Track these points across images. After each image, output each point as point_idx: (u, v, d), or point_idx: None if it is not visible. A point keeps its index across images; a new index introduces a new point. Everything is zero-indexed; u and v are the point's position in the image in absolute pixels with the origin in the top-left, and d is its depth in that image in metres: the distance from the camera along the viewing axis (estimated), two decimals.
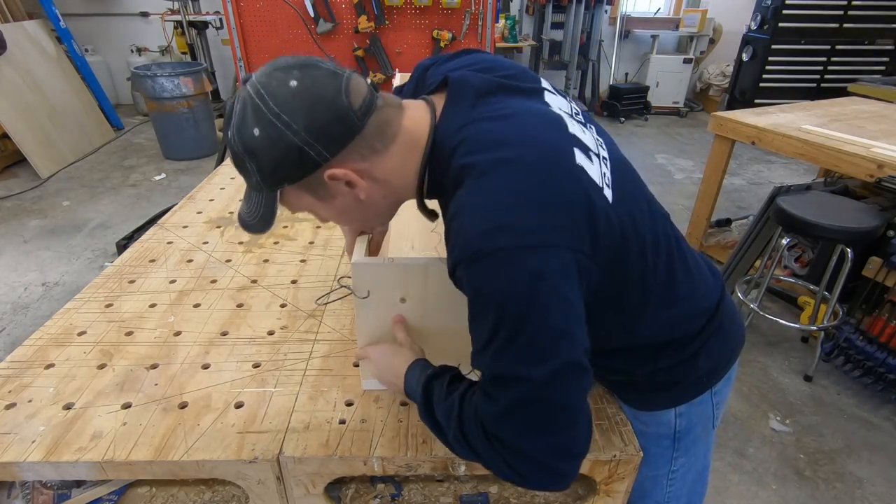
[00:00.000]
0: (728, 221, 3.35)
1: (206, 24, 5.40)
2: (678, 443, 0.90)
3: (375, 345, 0.89)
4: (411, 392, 0.78)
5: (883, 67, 5.05)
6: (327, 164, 0.66)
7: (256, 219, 0.73)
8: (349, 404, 0.94)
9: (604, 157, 0.73)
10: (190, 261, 1.39)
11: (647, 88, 5.98)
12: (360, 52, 2.83)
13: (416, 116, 0.72)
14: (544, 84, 0.81)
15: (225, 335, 1.11)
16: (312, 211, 0.76)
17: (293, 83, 0.63)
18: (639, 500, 0.97)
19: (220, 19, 5.22)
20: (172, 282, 1.30)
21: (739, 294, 2.44)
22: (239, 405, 0.93)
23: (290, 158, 0.64)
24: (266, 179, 0.68)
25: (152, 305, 1.21)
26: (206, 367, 1.02)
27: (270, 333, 1.12)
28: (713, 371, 0.85)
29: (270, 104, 0.63)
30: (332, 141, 0.64)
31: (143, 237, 1.51)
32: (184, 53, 5.42)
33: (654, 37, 6.05)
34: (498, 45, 5.27)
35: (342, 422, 0.90)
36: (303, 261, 1.40)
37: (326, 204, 0.72)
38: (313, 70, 0.65)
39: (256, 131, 0.63)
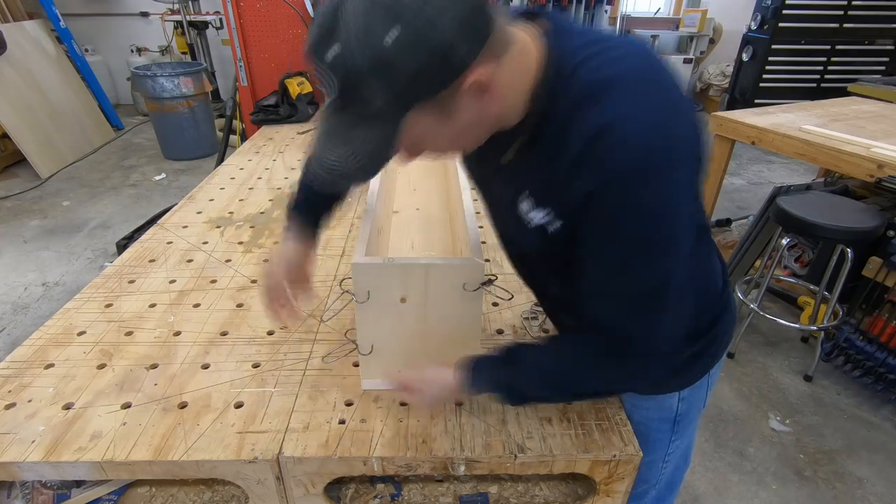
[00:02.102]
0: (728, 221, 3.35)
1: (206, 24, 5.41)
2: (677, 426, 0.94)
3: (411, 371, 0.84)
4: (484, 385, 0.78)
5: (883, 67, 5.04)
6: (470, 68, 0.55)
7: (362, 160, 0.59)
8: (349, 404, 0.94)
9: None
10: (190, 261, 1.39)
11: None
12: None
13: (519, 28, 0.63)
14: None
15: (225, 335, 1.11)
16: (420, 142, 0.64)
17: None
18: (635, 485, 0.98)
19: (220, 19, 5.22)
20: (172, 282, 1.30)
21: (739, 294, 2.44)
22: (239, 405, 0.93)
23: (434, 64, 0.53)
24: (398, 99, 0.55)
25: (152, 305, 1.21)
26: (205, 367, 1.02)
27: (270, 333, 1.12)
28: (718, 349, 0.89)
29: None
30: (476, 35, 0.55)
31: (143, 237, 1.51)
32: (184, 53, 5.43)
33: (654, 37, 6.05)
34: None
35: (342, 422, 0.90)
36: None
37: (445, 126, 0.61)
38: None
39: (392, 35, 0.50)
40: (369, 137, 0.58)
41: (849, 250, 2.07)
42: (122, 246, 2.74)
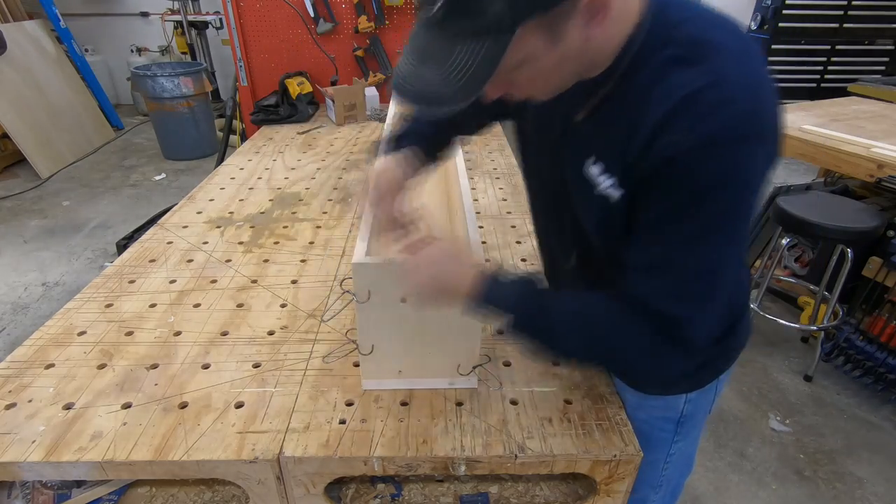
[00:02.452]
0: None
1: (206, 24, 5.41)
2: (680, 427, 0.93)
3: (428, 250, 0.74)
4: (491, 302, 0.70)
5: (883, 67, 5.05)
6: None
7: (459, 83, 0.54)
8: (349, 404, 0.94)
9: None
10: (190, 261, 1.39)
11: None
12: (360, 52, 2.83)
13: None
14: None
15: (225, 335, 1.11)
16: (519, 70, 0.57)
17: None
18: (635, 487, 0.98)
19: (220, 19, 5.22)
20: (172, 282, 1.30)
21: None
22: (239, 405, 0.93)
23: None
24: (514, 7, 0.50)
25: (152, 305, 1.21)
26: (206, 367, 1.02)
27: (270, 333, 1.12)
28: (731, 355, 0.88)
29: None
30: None
31: (143, 237, 1.51)
32: (184, 53, 5.42)
33: None
34: None
35: (342, 422, 0.90)
36: (303, 261, 1.40)
37: (549, 51, 0.56)
38: None
39: None
40: (475, 53, 0.52)
41: (849, 250, 2.07)
42: (122, 246, 2.74)
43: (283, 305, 1.21)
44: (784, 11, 4.77)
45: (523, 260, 1.40)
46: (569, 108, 0.66)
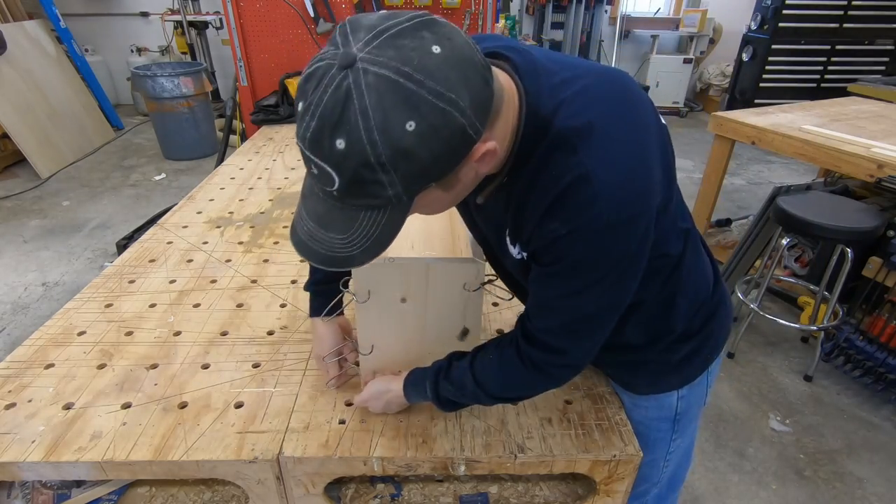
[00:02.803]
0: (728, 221, 3.35)
1: (206, 24, 5.41)
2: (677, 424, 0.95)
3: (365, 392, 0.90)
4: (419, 396, 0.85)
5: (883, 67, 5.05)
6: (481, 140, 0.56)
7: (364, 245, 0.59)
8: (349, 404, 0.94)
9: None
10: (190, 261, 1.39)
11: (647, 88, 5.98)
12: None
13: (501, 76, 0.62)
14: None
15: (225, 335, 1.11)
16: (421, 211, 0.67)
17: (436, 49, 0.50)
18: (636, 485, 0.98)
19: (220, 19, 5.22)
20: (172, 282, 1.30)
21: (739, 294, 2.44)
22: (239, 405, 0.93)
23: (452, 146, 0.53)
24: (412, 186, 0.54)
25: (152, 305, 1.21)
26: (205, 367, 1.02)
27: (270, 333, 1.12)
28: (715, 346, 0.90)
29: (429, 84, 0.49)
30: (485, 109, 0.54)
31: (143, 237, 1.51)
32: (184, 53, 5.42)
33: (654, 37, 6.05)
34: None
35: (342, 422, 0.90)
36: (303, 261, 1.40)
37: (448, 193, 0.62)
38: (439, 25, 0.54)
39: (412, 124, 0.49)
40: (377, 221, 0.57)
41: (849, 250, 2.07)
42: (122, 246, 2.74)
43: (282, 305, 1.21)
44: (784, 11, 4.77)
45: None
46: (469, 194, 0.71)
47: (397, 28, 0.50)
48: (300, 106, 0.52)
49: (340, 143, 0.50)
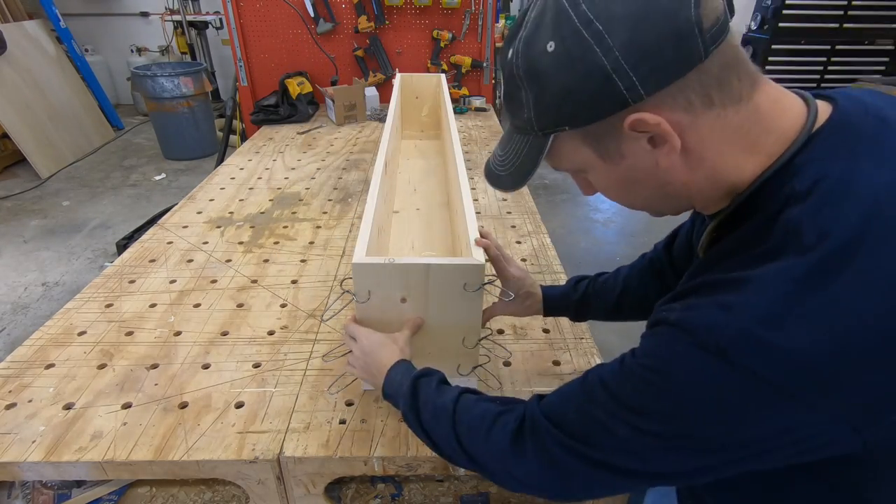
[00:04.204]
0: None
1: (206, 24, 5.41)
2: None
3: (367, 329, 0.84)
4: (392, 390, 0.74)
5: (883, 67, 5.04)
6: (637, 106, 0.47)
7: (510, 169, 0.57)
8: (349, 404, 0.94)
9: None
10: (190, 261, 1.39)
11: None
12: (360, 52, 2.83)
13: (780, 99, 0.50)
14: None
15: (225, 335, 1.11)
16: (582, 172, 0.57)
17: None
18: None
19: (220, 19, 5.22)
20: (172, 282, 1.30)
21: None
22: (239, 405, 0.93)
23: (588, 89, 0.47)
24: (541, 116, 0.51)
25: (152, 305, 1.21)
26: (206, 367, 1.02)
27: (270, 333, 1.12)
28: None
29: (583, 6, 0.45)
30: (656, 70, 0.45)
31: (143, 237, 1.51)
32: (184, 53, 5.43)
33: None
34: (498, 44, 5.26)
35: (342, 422, 0.90)
36: (303, 261, 1.40)
37: (608, 165, 0.53)
38: None
39: (551, 45, 0.46)
40: (520, 146, 0.56)
41: None
42: (122, 246, 2.74)
43: (283, 305, 1.21)
44: (784, 11, 4.77)
45: (523, 259, 1.40)
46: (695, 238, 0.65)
47: None
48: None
49: (509, 52, 0.52)
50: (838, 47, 4.98)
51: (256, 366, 1.03)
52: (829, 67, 5.08)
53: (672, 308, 0.49)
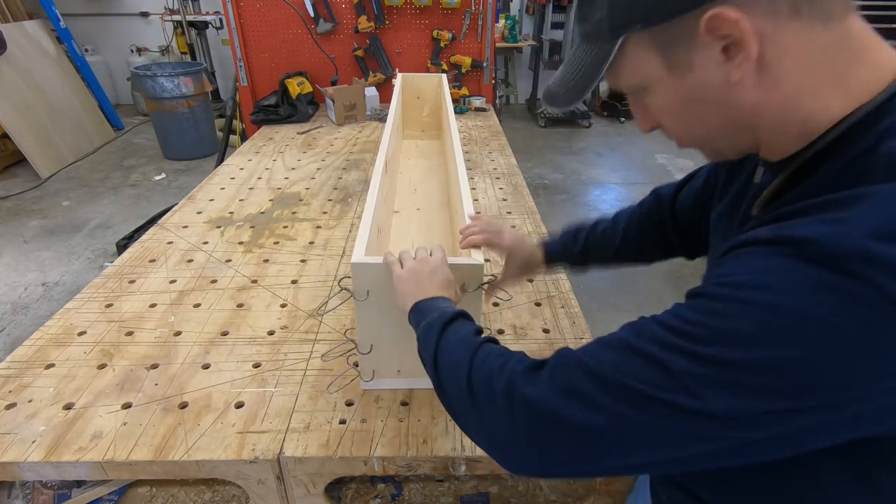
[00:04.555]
0: None
1: (206, 24, 5.41)
2: None
3: (418, 259, 0.78)
4: (427, 306, 0.68)
5: None
6: (712, 3, 0.42)
7: (570, 84, 0.55)
8: (349, 404, 0.94)
9: None
10: (190, 261, 1.39)
11: None
12: (360, 52, 2.83)
13: (872, 33, 0.47)
14: None
15: (225, 335, 1.11)
16: (643, 90, 0.53)
17: None
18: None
19: (220, 19, 5.22)
20: (172, 282, 1.30)
21: None
22: (239, 405, 0.93)
23: None
24: (616, 14, 0.48)
25: (152, 305, 1.21)
26: (206, 367, 1.02)
27: (270, 333, 1.12)
28: None
29: None
30: None
31: (143, 237, 1.51)
32: (184, 53, 5.43)
33: None
34: (498, 45, 5.27)
35: (342, 422, 0.90)
36: (303, 261, 1.40)
37: (675, 79, 0.48)
38: None
39: None
40: (586, 56, 0.52)
41: None
42: (122, 246, 2.74)
43: (283, 305, 1.21)
44: None
45: None
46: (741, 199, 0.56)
47: None
48: None
49: None
50: None
51: (256, 366, 1.03)
52: None
53: (754, 233, 0.42)
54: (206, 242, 1.49)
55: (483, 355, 0.56)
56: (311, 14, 2.70)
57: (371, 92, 2.73)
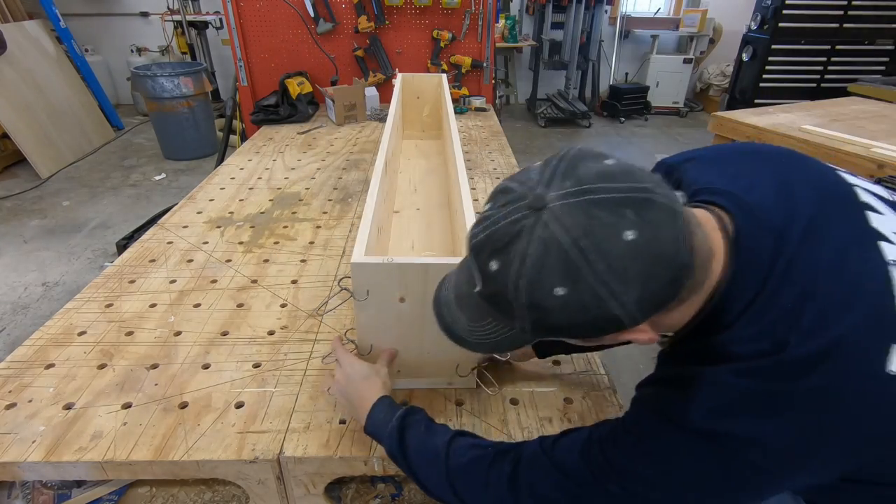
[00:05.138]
0: None
1: (206, 24, 5.40)
2: None
3: (352, 357, 0.86)
4: (376, 428, 0.77)
5: (883, 67, 5.04)
6: (635, 329, 0.52)
7: (482, 341, 0.60)
8: None
9: None
10: (190, 261, 1.39)
11: (647, 88, 5.98)
12: (360, 52, 2.83)
13: (710, 251, 0.56)
14: (860, 185, 0.63)
15: (225, 335, 1.11)
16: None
17: (630, 235, 0.46)
18: None
19: (220, 19, 5.22)
20: (172, 282, 1.30)
21: None
22: (239, 405, 0.93)
23: (597, 326, 0.50)
24: (540, 332, 0.53)
25: (152, 305, 1.21)
26: (206, 367, 1.02)
27: (270, 333, 1.12)
28: None
29: (599, 266, 0.46)
30: (655, 307, 0.50)
31: (143, 237, 1.51)
32: (184, 53, 5.42)
33: (654, 37, 6.04)
34: (498, 44, 5.27)
35: (342, 422, 0.90)
36: (303, 261, 1.40)
37: (583, 342, 0.60)
38: (651, 208, 0.47)
39: (561, 291, 0.47)
40: (500, 332, 0.57)
41: None
42: (122, 246, 2.74)
43: (283, 305, 1.21)
44: (784, 11, 4.77)
45: None
46: None
47: (602, 196, 0.47)
48: (487, 207, 0.54)
49: (493, 266, 0.51)
50: (838, 47, 4.98)
51: (256, 366, 1.03)
52: (829, 67, 5.08)
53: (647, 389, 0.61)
54: (206, 242, 1.49)
55: (460, 475, 0.68)
56: (311, 14, 2.70)
57: (371, 92, 2.73)
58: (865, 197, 0.60)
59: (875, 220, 0.58)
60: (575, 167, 0.50)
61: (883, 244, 0.55)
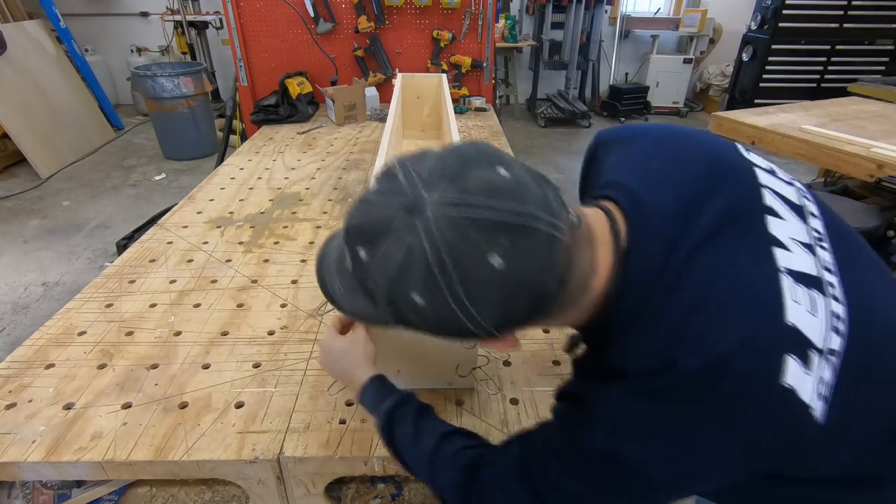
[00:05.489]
0: None
1: (206, 24, 5.41)
2: None
3: (332, 331, 0.84)
4: (369, 404, 0.77)
5: (883, 67, 5.05)
6: (495, 338, 0.54)
7: (356, 314, 0.62)
8: (349, 404, 0.94)
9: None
10: (190, 261, 1.39)
11: (647, 88, 5.98)
12: (360, 52, 2.83)
13: (602, 258, 0.55)
14: (765, 183, 0.60)
15: (225, 335, 1.11)
16: None
17: (496, 262, 0.45)
18: None
19: (220, 19, 5.22)
20: (172, 282, 1.30)
21: None
22: (239, 405, 0.93)
23: (452, 334, 0.52)
24: (398, 325, 0.54)
25: (152, 305, 1.21)
26: (206, 367, 1.02)
27: (271, 333, 1.12)
28: None
29: (457, 288, 0.46)
30: (515, 326, 0.52)
31: (143, 237, 1.51)
32: (184, 53, 5.42)
33: (654, 37, 6.05)
34: (498, 44, 5.27)
35: (342, 422, 0.90)
36: (303, 261, 1.40)
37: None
38: (528, 236, 0.46)
39: (419, 299, 0.48)
40: (369, 307, 0.56)
41: None
42: (122, 246, 2.74)
43: (283, 305, 1.21)
44: (784, 11, 4.78)
45: None
46: None
47: (481, 214, 0.45)
48: (372, 187, 0.54)
49: (362, 253, 0.51)
50: (838, 47, 4.98)
51: (256, 366, 1.03)
52: (829, 67, 5.08)
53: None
54: (206, 242, 1.49)
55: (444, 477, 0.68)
56: (311, 14, 2.70)
57: (371, 92, 2.73)
58: (770, 200, 0.58)
59: (773, 226, 0.55)
60: (465, 171, 0.48)
61: (777, 250, 0.53)
